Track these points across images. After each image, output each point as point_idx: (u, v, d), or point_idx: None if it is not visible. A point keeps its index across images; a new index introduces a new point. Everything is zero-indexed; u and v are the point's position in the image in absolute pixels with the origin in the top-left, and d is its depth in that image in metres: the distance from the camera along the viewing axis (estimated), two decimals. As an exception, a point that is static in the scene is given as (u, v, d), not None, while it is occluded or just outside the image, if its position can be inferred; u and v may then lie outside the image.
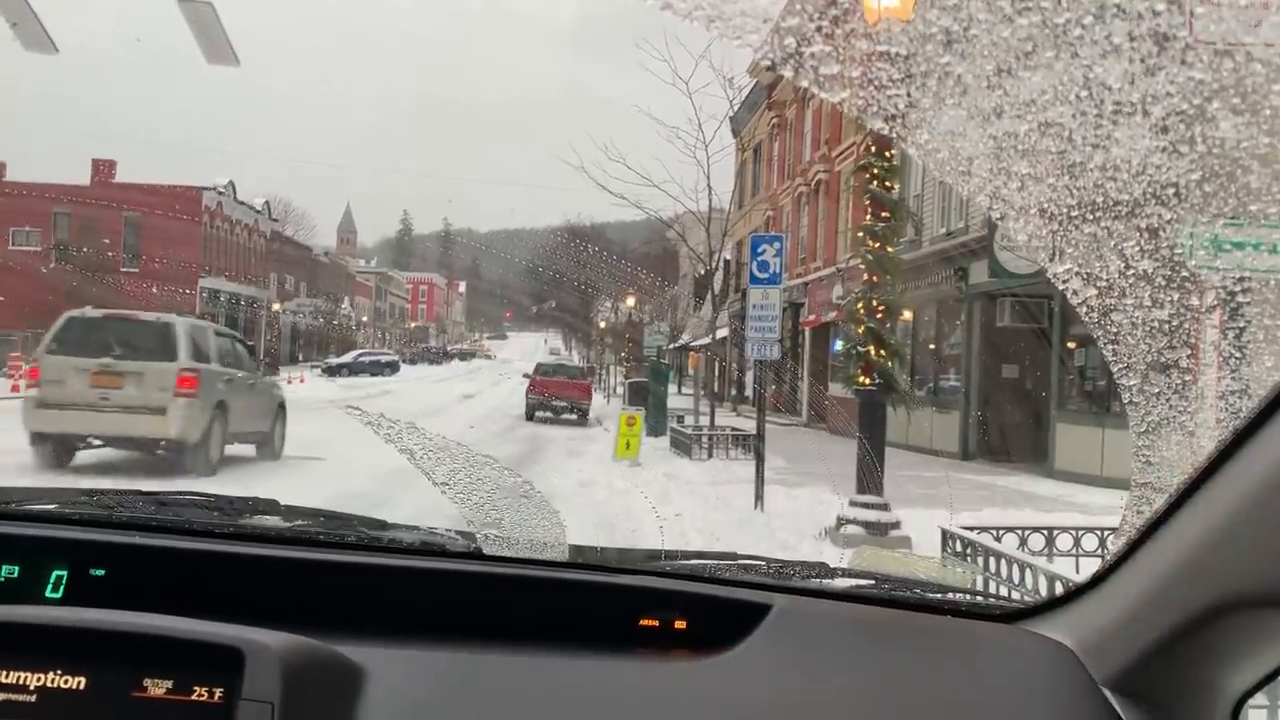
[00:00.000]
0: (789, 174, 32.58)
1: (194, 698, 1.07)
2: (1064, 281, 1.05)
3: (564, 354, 68.46)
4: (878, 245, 9.09)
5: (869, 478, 8.37)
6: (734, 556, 1.71)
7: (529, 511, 1.70)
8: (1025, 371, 18.21)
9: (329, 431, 14.70)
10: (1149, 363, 1.05)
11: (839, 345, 26.26)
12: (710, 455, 16.07)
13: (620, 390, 33.38)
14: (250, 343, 17.45)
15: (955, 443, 19.09)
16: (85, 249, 40.63)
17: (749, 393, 34.84)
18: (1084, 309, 1.05)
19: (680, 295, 45.58)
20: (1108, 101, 0.90)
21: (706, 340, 29.00)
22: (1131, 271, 1.01)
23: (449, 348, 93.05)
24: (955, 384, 20.25)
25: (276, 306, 62.49)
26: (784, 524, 9.13)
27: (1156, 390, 1.06)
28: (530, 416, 25.37)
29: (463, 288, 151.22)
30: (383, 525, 1.66)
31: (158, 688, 1.08)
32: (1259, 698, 2.03)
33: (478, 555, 1.51)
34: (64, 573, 1.40)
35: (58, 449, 10.85)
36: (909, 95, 0.93)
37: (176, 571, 1.42)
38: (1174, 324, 1.01)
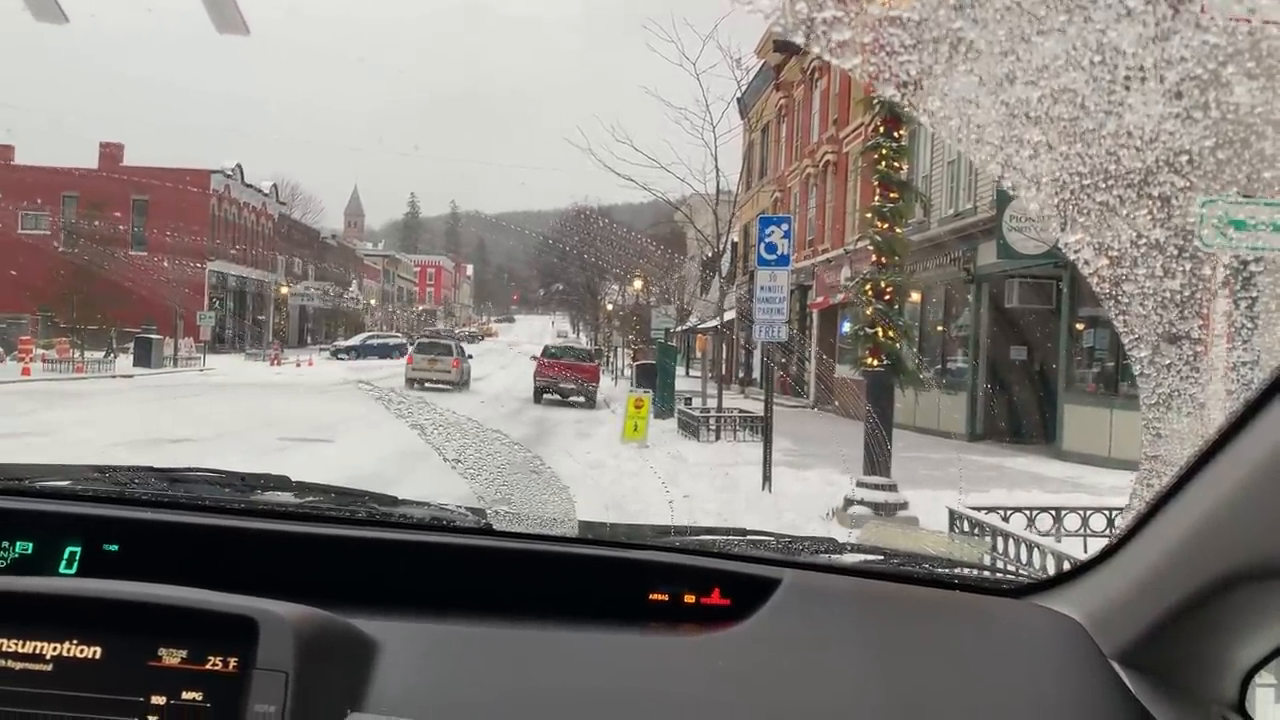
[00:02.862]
0: (797, 155, 32.45)
1: (208, 667, 1.08)
2: (1075, 251, 1.04)
3: (571, 336, 68.46)
4: (886, 226, 9.07)
5: (877, 458, 8.40)
6: (743, 532, 1.71)
7: (538, 487, 1.70)
8: (1033, 353, 18.17)
9: (339, 413, 14.80)
10: (1160, 334, 1.04)
11: (847, 327, 26.29)
12: (718, 437, 16.11)
13: (628, 372, 33.42)
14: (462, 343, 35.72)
15: (963, 424, 19.08)
16: (94, 232, 40.68)
17: (756, 375, 34.85)
18: (1095, 279, 1.05)
19: (687, 277, 45.51)
20: (1121, 67, 0.89)
21: (714, 322, 28.94)
22: (1144, 241, 1.00)
23: (456, 330, 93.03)
24: (963, 365, 20.22)
25: (284, 289, 62.60)
26: (791, 505, 9.16)
27: (1167, 362, 1.05)
28: (538, 399, 25.43)
29: (470, 270, 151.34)
30: (394, 501, 1.67)
31: (172, 657, 1.09)
32: (1266, 675, 2.02)
33: (488, 531, 1.52)
34: (77, 548, 1.41)
35: (415, 386, 25.55)
36: (921, 61, 0.92)
37: (189, 547, 1.42)
38: (1186, 294, 1.00)
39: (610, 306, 47.89)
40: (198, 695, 1.07)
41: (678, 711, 1.16)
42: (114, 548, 1.41)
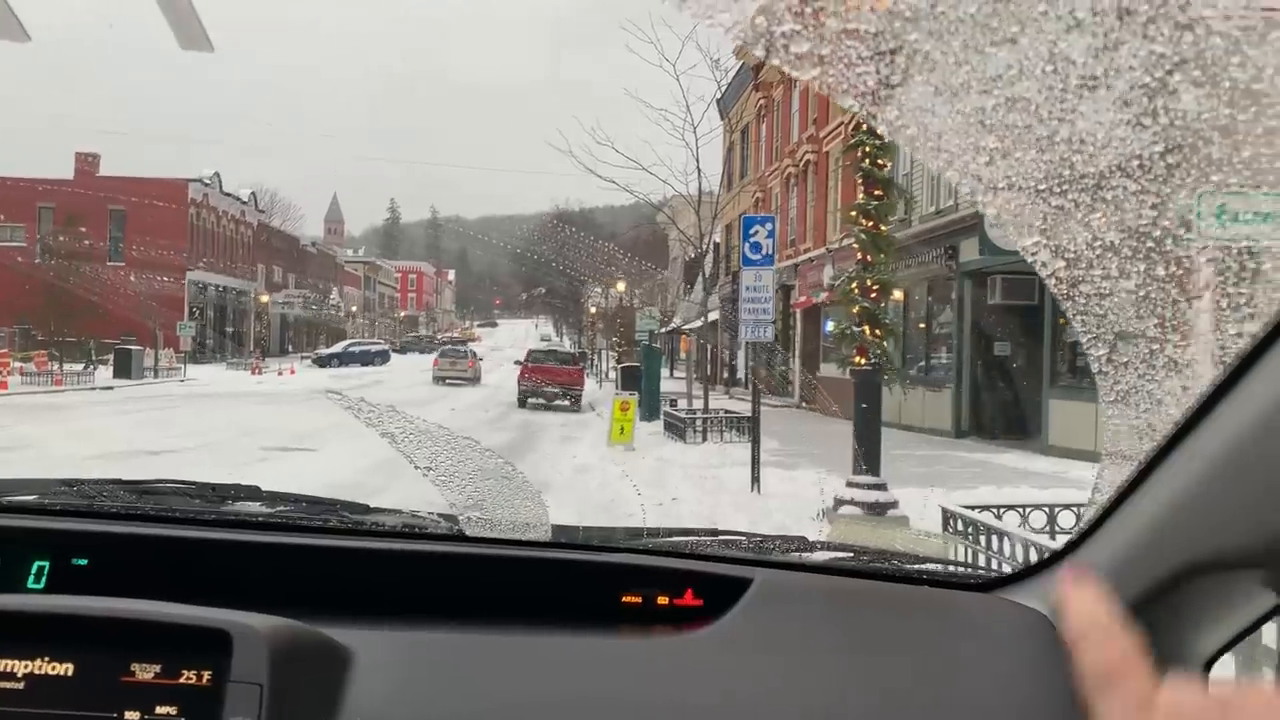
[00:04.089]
0: (777, 156, 32.49)
1: (182, 681, 1.08)
2: (1033, 254, 1.07)
3: (555, 340, 68.36)
4: (871, 224, 9.04)
5: (866, 458, 8.35)
6: (714, 532, 1.72)
7: (511, 493, 1.70)
8: (1017, 349, 18.22)
9: (321, 422, 14.68)
10: (1116, 333, 1.07)
11: (830, 326, 26.34)
12: (704, 439, 16.08)
13: (612, 375, 33.35)
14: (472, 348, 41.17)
15: (948, 421, 19.12)
16: (71, 243, 40.29)
17: (740, 375, 34.87)
18: (1053, 281, 1.07)
19: (670, 279, 45.42)
20: (1072, 76, 0.92)
21: (698, 323, 28.95)
22: (1098, 243, 1.02)
23: (439, 336, 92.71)
24: (946, 362, 20.27)
25: (265, 298, 62.22)
26: (781, 505, 9.12)
27: (1124, 360, 1.08)
28: (523, 403, 25.28)
29: (452, 276, 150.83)
30: (365, 509, 1.66)
31: (146, 672, 1.08)
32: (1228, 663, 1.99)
33: (460, 537, 1.52)
34: (45, 563, 1.39)
35: (440, 382, 33.85)
36: (879, 72, 0.95)
37: (160, 559, 1.41)
38: (1141, 294, 1.02)
39: (594, 309, 47.82)
40: (172, 710, 1.07)
41: (652, 713, 1.17)
42: (83, 562, 1.40)
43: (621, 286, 36.79)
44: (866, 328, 8.75)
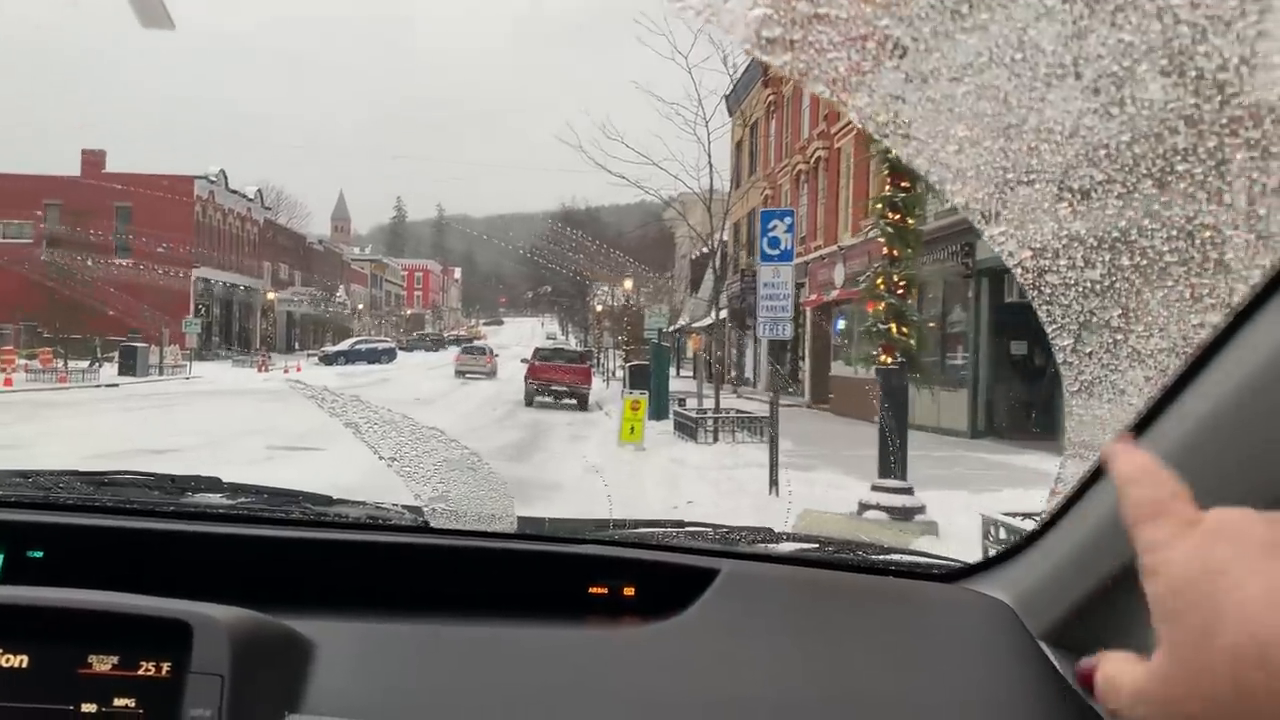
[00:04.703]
0: (787, 152, 32.20)
1: (141, 673, 1.07)
2: (1000, 244, 1.07)
3: (560, 338, 68.19)
4: (897, 217, 8.71)
5: (892, 460, 8.03)
6: (680, 524, 1.72)
7: (477, 484, 1.68)
8: (1034, 347, 17.92)
9: (329, 420, 14.41)
10: (1081, 323, 1.07)
11: (841, 324, 26.06)
12: (716, 439, 15.78)
13: (619, 374, 33.08)
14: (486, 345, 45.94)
15: (963, 421, 18.83)
16: (77, 240, 40.15)
17: (749, 374, 34.59)
18: (1019, 270, 1.07)
19: (678, 277, 45.20)
20: (1041, 64, 0.91)
21: (708, 321, 28.67)
22: (1065, 233, 1.02)
23: (446, 334, 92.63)
24: (962, 361, 19.97)
25: (271, 295, 62.09)
26: (801, 508, 8.83)
27: (1089, 350, 1.08)
28: (530, 402, 25.00)
29: (458, 274, 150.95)
30: (328, 500, 1.66)
31: (103, 664, 1.07)
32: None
33: (425, 529, 1.51)
34: (0, 555, 1.37)
35: (461, 376, 37.30)
36: (849, 58, 0.94)
37: (118, 551, 1.40)
38: (1106, 284, 1.01)
39: (599, 307, 47.61)
40: (130, 702, 1.06)
41: (619, 703, 1.17)
42: (39, 554, 1.38)
43: (629, 284, 36.51)
44: (893, 325, 8.42)
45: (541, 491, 9.87)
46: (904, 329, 8.47)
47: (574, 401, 25.16)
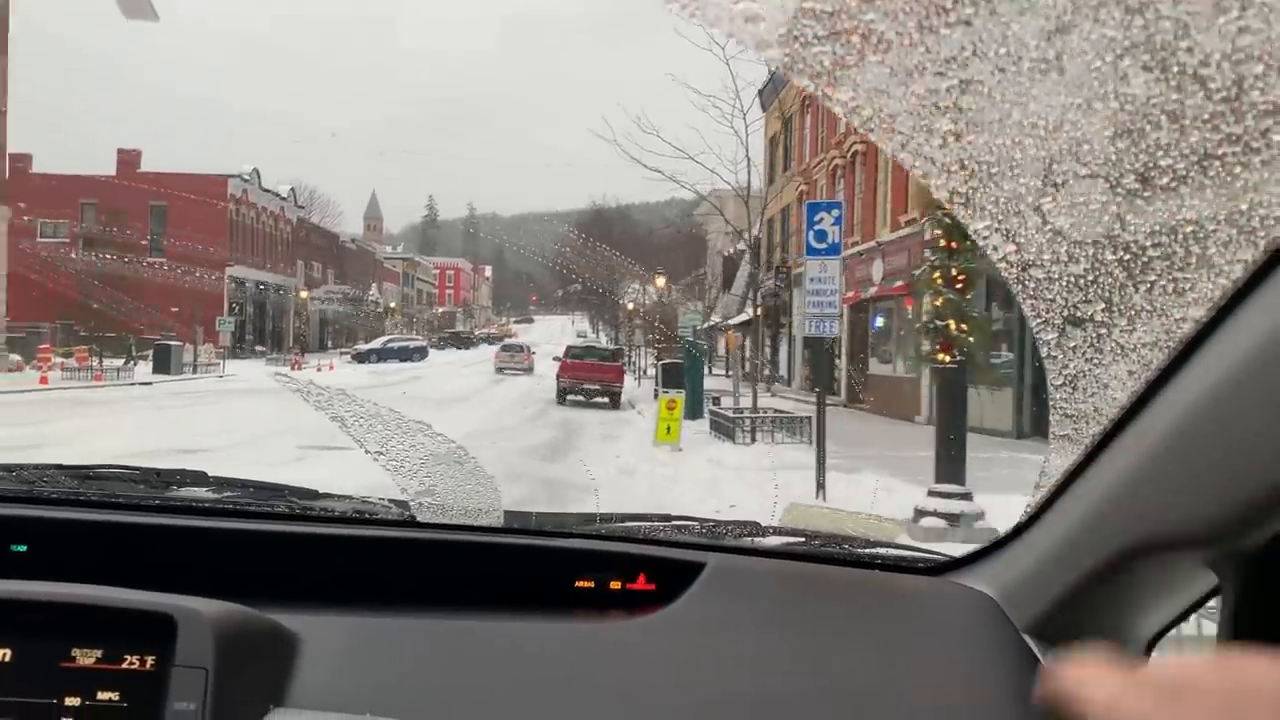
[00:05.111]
0: (823, 147, 31.71)
1: (125, 666, 1.07)
2: (984, 238, 1.07)
3: (590, 336, 68.13)
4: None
5: (949, 465, 7.60)
6: (667, 517, 1.72)
7: (463, 478, 1.67)
8: (1082, 345, 17.40)
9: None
10: (1065, 317, 1.07)
11: (879, 322, 25.55)
12: (754, 439, 15.38)
13: (651, 372, 32.77)
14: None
15: (1008, 421, 18.36)
16: (112, 239, 40.52)
17: (782, 372, 34.14)
18: (1003, 265, 1.08)
19: (709, 274, 44.96)
20: (1025, 59, 0.91)
21: (744, 317, 28.27)
22: (1048, 227, 1.03)
23: (476, 332, 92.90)
24: (1006, 360, 19.46)
25: (304, 294, 62.41)
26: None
27: (1073, 344, 1.09)
28: (562, 400, 24.80)
29: (489, 272, 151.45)
30: (314, 495, 1.65)
31: (87, 657, 1.07)
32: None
33: (411, 523, 1.51)
34: None
35: (500, 372, 39.41)
36: (834, 52, 0.93)
37: (102, 545, 1.40)
38: (1089, 279, 1.02)
39: (630, 305, 47.38)
40: (114, 695, 1.06)
41: (605, 697, 1.17)
42: (22, 548, 1.38)
43: (661, 281, 36.17)
44: (952, 321, 8.00)
45: (577, 493, 9.59)
46: (964, 325, 8.04)
47: (606, 400, 24.95)
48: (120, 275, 38.86)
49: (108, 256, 40.08)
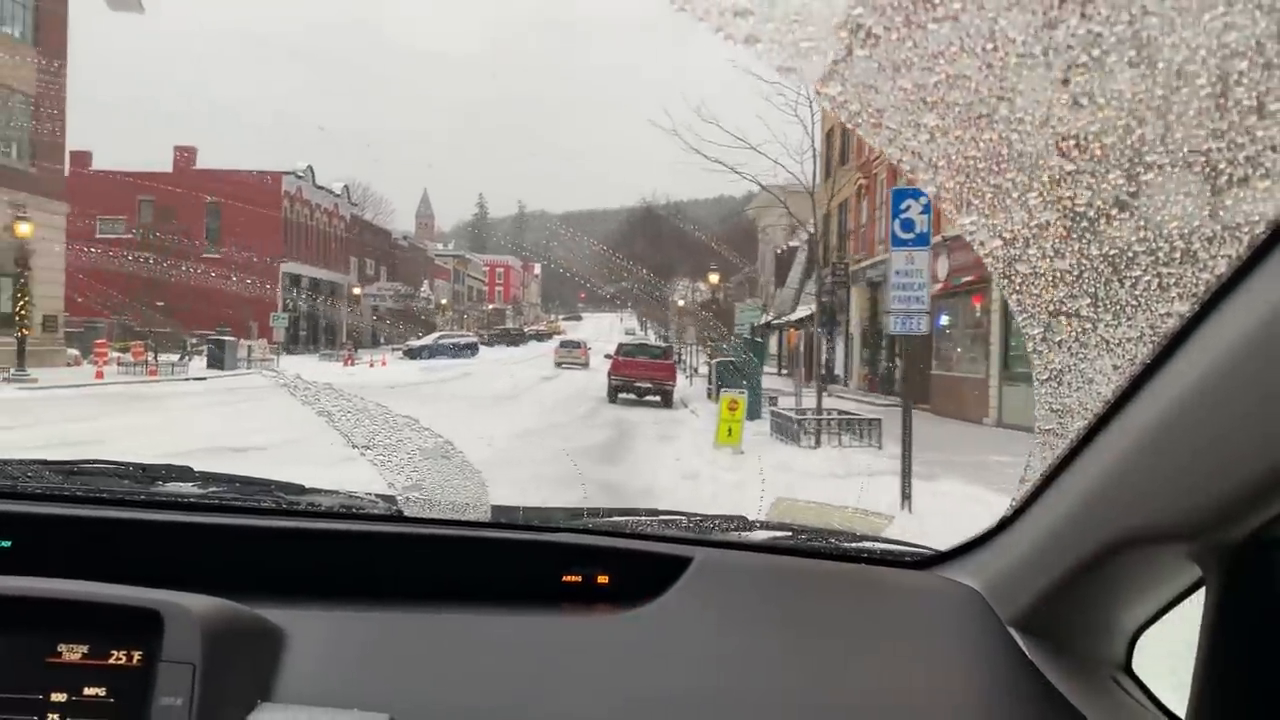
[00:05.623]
0: (882, 140, 30.84)
1: (111, 661, 1.08)
2: (971, 233, 1.07)
3: (639, 333, 67.80)
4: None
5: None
6: (654, 512, 1.73)
7: (450, 473, 1.66)
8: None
9: (410, 415, 13.85)
10: (1051, 312, 1.07)
11: (944, 320, 24.63)
12: (818, 442, 14.66)
13: (703, 370, 32.12)
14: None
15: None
16: (169, 235, 40.96)
17: (839, 370, 33.27)
18: (990, 260, 1.08)
19: (762, 270, 44.26)
20: (1012, 54, 0.91)
21: (804, 313, 27.53)
22: (1034, 222, 1.03)
23: (526, 329, 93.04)
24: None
25: (357, 290, 62.80)
26: (945, 527, 7.75)
27: (1058, 339, 1.08)
28: (613, 398, 24.47)
29: (538, 269, 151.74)
30: (301, 489, 1.64)
31: (73, 653, 1.08)
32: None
33: (399, 517, 1.52)
34: None
35: (560, 366, 41.98)
36: (820, 47, 0.94)
37: (88, 540, 1.39)
38: (1075, 274, 1.02)
39: (681, 302, 46.87)
40: (101, 690, 1.06)
41: (592, 690, 1.16)
42: (6, 544, 1.37)
43: (715, 278, 35.50)
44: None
45: (634, 498, 9.03)
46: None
47: (658, 398, 24.46)
48: (176, 271, 39.23)
49: (164, 253, 40.46)
